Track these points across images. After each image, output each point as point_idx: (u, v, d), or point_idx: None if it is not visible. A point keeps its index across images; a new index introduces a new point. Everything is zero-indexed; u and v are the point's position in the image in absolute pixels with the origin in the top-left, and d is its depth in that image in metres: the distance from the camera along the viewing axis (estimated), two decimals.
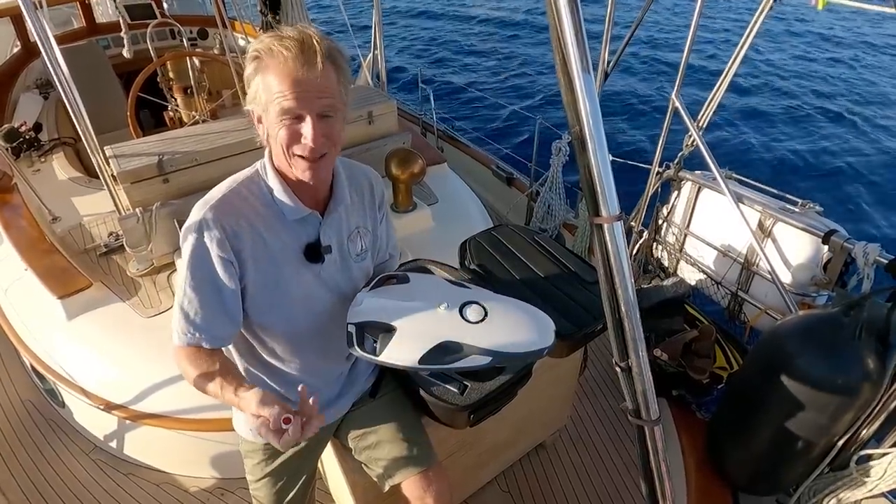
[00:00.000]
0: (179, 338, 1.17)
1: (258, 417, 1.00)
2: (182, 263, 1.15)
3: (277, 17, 2.86)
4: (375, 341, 1.20)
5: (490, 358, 1.16)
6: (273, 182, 1.18)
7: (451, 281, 1.41)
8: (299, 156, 1.10)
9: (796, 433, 1.77)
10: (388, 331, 1.20)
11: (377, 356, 1.18)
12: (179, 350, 1.18)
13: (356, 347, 1.20)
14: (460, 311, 1.24)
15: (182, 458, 2.32)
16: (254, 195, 1.18)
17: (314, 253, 1.24)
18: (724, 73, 2.57)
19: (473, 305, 1.25)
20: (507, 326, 1.24)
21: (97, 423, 2.41)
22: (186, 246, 1.14)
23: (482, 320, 1.22)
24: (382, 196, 1.43)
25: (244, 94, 1.13)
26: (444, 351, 1.17)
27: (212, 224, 1.11)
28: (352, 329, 1.22)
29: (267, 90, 1.04)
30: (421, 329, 1.21)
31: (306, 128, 1.06)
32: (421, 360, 1.16)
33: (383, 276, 1.38)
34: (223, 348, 1.21)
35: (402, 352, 1.17)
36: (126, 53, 4.08)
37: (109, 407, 2.15)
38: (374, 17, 3.32)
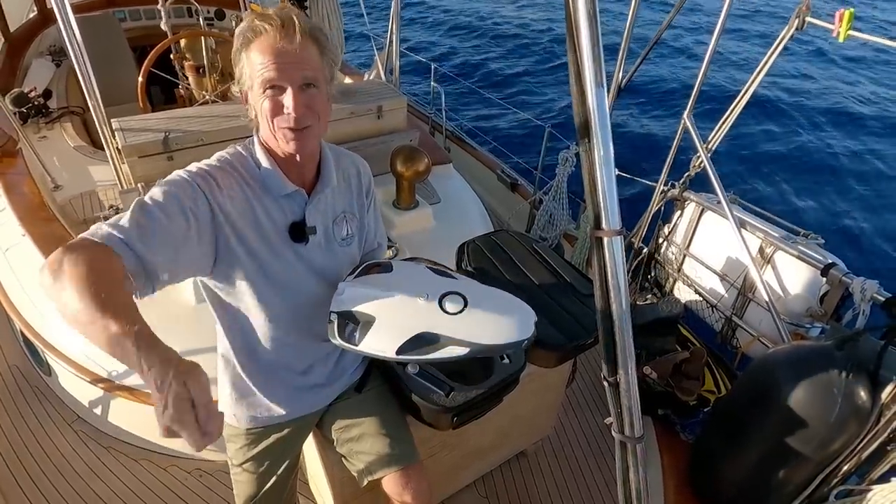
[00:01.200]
0: (104, 234, 0.92)
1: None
2: (157, 185, 1.05)
3: (306, 4, 2.84)
4: (355, 331, 1.19)
5: (467, 349, 1.15)
6: (261, 156, 1.18)
7: (434, 270, 1.40)
8: (283, 127, 1.10)
9: (779, 462, 1.77)
10: (368, 321, 1.20)
11: (356, 346, 1.18)
12: (88, 247, 0.88)
13: (336, 337, 1.20)
14: (440, 302, 1.23)
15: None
16: (243, 167, 1.18)
17: (298, 232, 1.23)
18: (740, 96, 2.57)
19: (453, 296, 1.24)
20: (486, 317, 1.23)
21: (82, 394, 2.41)
22: (172, 177, 1.08)
23: (461, 311, 1.22)
24: (370, 182, 1.43)
25: None
26: (422, 341, 1.16)
27: (209, 175, 1.11)
28: (333, 318, 1.22)
29: (251, 65, 1.07)
30: (400, 320, 1.20)
31: (287, 98, 1.07)
32: (398, 351, 1.15)
33: (367, 265, 1.38)
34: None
35: (380, 342, 1.17)
36: (163, 26, 4.05)
37: (95, 378, 2.15)
38: (391, 11, 3.31)
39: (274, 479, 1.50)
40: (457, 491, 2.21)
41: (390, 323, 1.19)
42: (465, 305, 1.22)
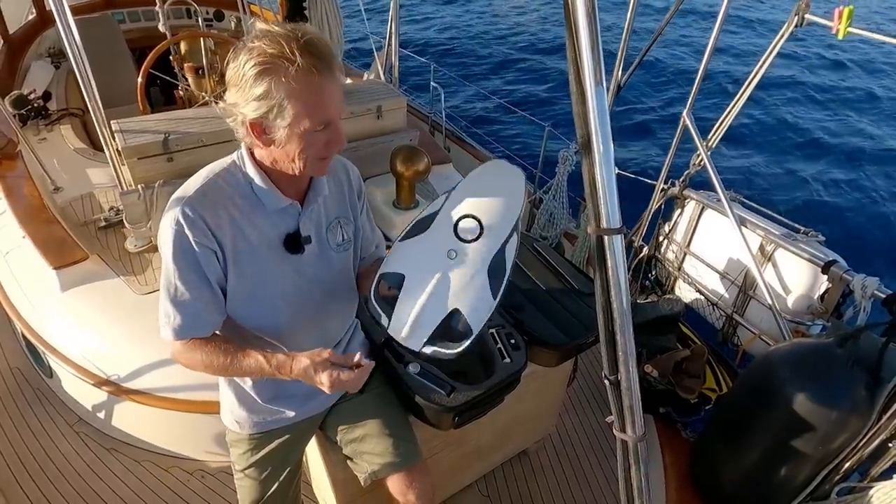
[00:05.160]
0: (176, 333, 1.17)
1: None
2: (166, 257, 1.13)
3: (305, 6, 2.84)
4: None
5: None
6: (252, 173, 1.16)
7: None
8: (323, 157, 1.11)
9: (780, 460, 1.77)
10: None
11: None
12: (177, 344, 1.20)
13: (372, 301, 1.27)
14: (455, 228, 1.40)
15: (165, 437, 2.32)
16: (231, 186, 1.16)
17: (294, 243, 1.24)
18: (739, 94, 2.57)
19: (467, 219, 1.41)
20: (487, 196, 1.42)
21: (83, 396, 2.41)
22: (167, 239, 1.11)
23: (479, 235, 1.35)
24: (360, 184, 1.43)
25: None
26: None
27: (192, 215, 1.09)
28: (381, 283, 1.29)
29: (296, 104, 1.02)
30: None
31: (335, 130, 1.09)
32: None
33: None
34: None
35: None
36: (161, 27, 4.03)
37: (96, 380, 2.15)
38: (390, 11, 3.31)
39: (277, 482, 1.51)
40: (458, 490, 2.21)
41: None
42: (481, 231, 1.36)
